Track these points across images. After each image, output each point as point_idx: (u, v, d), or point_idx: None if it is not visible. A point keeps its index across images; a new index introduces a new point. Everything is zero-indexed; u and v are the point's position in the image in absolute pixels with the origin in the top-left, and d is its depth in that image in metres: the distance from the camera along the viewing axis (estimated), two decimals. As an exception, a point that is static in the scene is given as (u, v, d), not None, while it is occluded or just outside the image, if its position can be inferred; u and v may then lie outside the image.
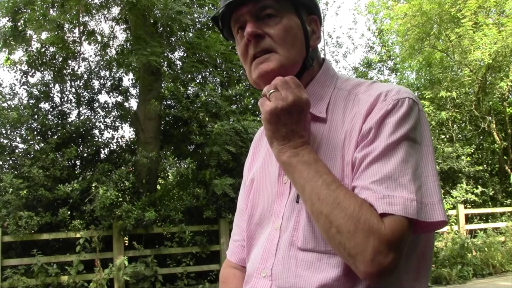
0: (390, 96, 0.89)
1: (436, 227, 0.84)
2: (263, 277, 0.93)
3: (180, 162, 9.29)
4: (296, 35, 0.97)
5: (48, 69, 9.37)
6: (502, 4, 11.23)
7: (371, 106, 0.89)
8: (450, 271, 8.24)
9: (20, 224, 6.98)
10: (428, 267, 0.93)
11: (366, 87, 0.95)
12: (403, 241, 0.78)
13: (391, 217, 0.78)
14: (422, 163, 0.85)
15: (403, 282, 0.87)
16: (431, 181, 0.84)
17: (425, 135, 0.88)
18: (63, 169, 7.82)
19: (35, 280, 6.94)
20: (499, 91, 11.76)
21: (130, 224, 7.30)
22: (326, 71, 1.03)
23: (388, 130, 0.85)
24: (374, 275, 0.77)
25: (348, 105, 0.94)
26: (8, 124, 8.19)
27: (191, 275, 7.79)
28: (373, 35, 16.31)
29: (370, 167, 0.83)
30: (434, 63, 12.76)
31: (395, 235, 0.77)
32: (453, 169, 10.58)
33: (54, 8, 8.67)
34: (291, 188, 0.94)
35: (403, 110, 0.86)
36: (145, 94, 8.90)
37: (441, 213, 0.82)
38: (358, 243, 0.77)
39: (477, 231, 10.05)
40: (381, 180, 0.81)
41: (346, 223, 0.79)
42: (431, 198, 0.82)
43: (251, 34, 0.94)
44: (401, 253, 0.78)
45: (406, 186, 0.80)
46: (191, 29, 9.49)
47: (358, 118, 0.90)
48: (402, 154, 0.83)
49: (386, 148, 0.83)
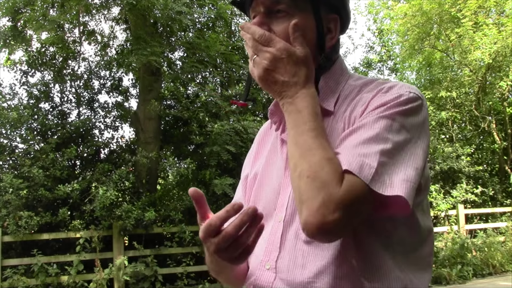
0: (393, 90, 0.89)
1: (397, 208, 0.81)
2: (267, 269, 0.93)
3: (180, 162, 9.30)
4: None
5: (48, 69, 9.37)
6: (502, 4, 11.23)
7: (371, 98, 0.90)
8: (450, 271, 8.25)
9: (20, 224, 6.97)
10: (428, 271, 0.94)
11: (375, 84, 0.95)
12: (355, 204, 0.77)
13: (351, 177, 0.78)
14: (403, 150, 0.82)
15: (408, 279, 0.87)
16: (404, 166, 0.81)
17: (418, 128, 0.86)
18: (63, 169, 7.82)
19: (35, 280, 6.94)
20: (499, 91, 11.77)
21: (130, 224, 7.30)
22: (340, 67, 1.03)
23: (379, 110, 0.85)
24: (313, 226, 0.76)
25: (354, 99, 0.95)
26: (8, 124, 8.18)
27: (191, 275, 7.79)
28: (373, 35, 16.34)
29: (352, 134, 0.85)
30: (434, 63, 12.76)
31: (346, 195, 0.76)
32: (453, 169, 10.58)
33: (54, 8, 8.68)
34: None
35: (401, 100, 0.86)
36: (145, 94, 8.90)
37: (401, 188, 0.78)
38: (310, 190, 0.78)
39: (477, 231, 10.05)
40: (356, 145, 0.82)
41: (308, 170, 0.79)
42: (395, 176, 0.79)
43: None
44: (350, 216, 0.77)
45: (372, 155, 0.79)
46: (191, 29, 9.50)
47: (359, 108, 0.91)
48: (383, 131, 0.82)
49: (371, 121, 0.84)
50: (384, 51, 15.61)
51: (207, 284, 7.69)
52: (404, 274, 0.87)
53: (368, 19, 15.29)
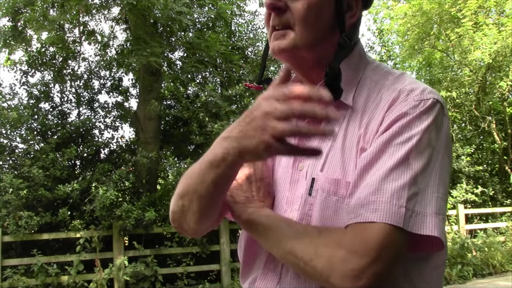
0: (412, 96, 0.81)
1: (431, 247, 0.77)
2: (271, 271, 0.90)
3: (180, 162, 9.29)
4: (321, 13, 0.87)
5: (48, 69, 9.37)
6: (502, 4, 11.23)
7: (390, 104, 0.83)
8: (450, 271, 8.25)
9: (20, 224, 6.98)
10: (440, 280, 0.89)
11: (392, 80, 0.88)
12: (391, 252, 0.71)
13: (372, 224, 0.72)
14: (428, 170, 0.76)
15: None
16: (430, 191, 0.76)
17: (441, 142, 0.80)
18: (63, 169, 7.82)
19: (35, 280, 6.94)
20: (499, 91, 11.76)
21: (130, 224, 7.30)
22: (358, 54, 0.95)
23: (397, 130, 0.78)
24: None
25: (371, 97, 0.88)
26: (8, 124, 8.19)
27: (191, 275, 7.79)
28: (373, 35, 16.34)
29: (366, 169, 0.78)
30: (434, 63, 12.76)
31: (380, 246, 0.71)
32: (453, 169, 10.59)
33: (54, 8, 8.68)
34: (307, 176, 0.90)
35: (421, 110, 0.79)
36: (145, 94, 8.91)
37: (434, 227, 0.73)
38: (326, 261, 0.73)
39: (477, 231, 10.05)
40: (370, 184, 0.76)
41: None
42: (424, 208, 0.74)
43: (270, 5, 0.88)
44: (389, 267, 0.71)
45: (399, 191, 0.74)
46: (191, 29, 9.50)
47: (376, 117, 0.84)
48: (403, 155, 0.76)
49: (389, 149, 0.77)
50: (384, 51, 15.61)
51: (207, 284, 7.69)
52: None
53: (368, 19, 15.25)
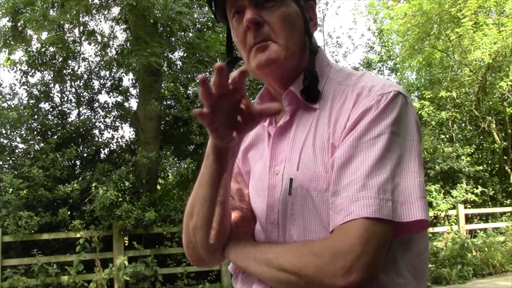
0: (374, 91, 0.86)
1: (417, 228, 0.81)
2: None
3: (180, 162, 9.30)
4: (295, 23, 0.93)
5: (48, 69, 9.38)
6: (502, 4, 11.23)
7: (355, 101, 0.87)
8: (450, 271, 8.24)
9: (20, 224, 6.98)
10: (425, 267, 0.91)
11: (355, 80, 0.92)
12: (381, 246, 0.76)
13: (356, 221, 0.76)
14: (405, 158, 0.81)
15: (402, 282, 0.85)
16: (411, 177, 0.80)
17: (410, 129, 0.85)
18: (63, 169, 7.82)
19: (35, 280, 6.94)
20: (499, 91, 11.75)
21: (130, 224, 7.30)
22: (321, 60, 1.00)
23: (366, 126, 0.82)
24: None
25: (337, 97, 0.92)
26: (8, 124, 8.19)
27: (191, 275, 7.79)
28: (373, 35, 16.31)
29: (345, 167, 0.81)
30: (434, 63, 12.75)
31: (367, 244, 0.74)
32: (453, 169, 10.58)
33: (54, 8, 8.67)
34: (283, 179, 0.93)
35: (385, 104, 0.83)
36: (145, 94, 8.91)
37: (420, 211, 0.78)
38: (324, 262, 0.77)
39: (477, 231, 10.05)
40: (353, 182, 0.79)
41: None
42: (409, 196, 0.79)
43: (251, 21, 0.90)
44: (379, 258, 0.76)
45: (383, 186, 0.78)
46: (191, 29, 9.50)
47: (343, 114, 0.87)
48: (380, 150, 0.80)
49: (362, 145, 0.81)
50: (384, 51, 15.60)
51: (207, 284, 7.69)
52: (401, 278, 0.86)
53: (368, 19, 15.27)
